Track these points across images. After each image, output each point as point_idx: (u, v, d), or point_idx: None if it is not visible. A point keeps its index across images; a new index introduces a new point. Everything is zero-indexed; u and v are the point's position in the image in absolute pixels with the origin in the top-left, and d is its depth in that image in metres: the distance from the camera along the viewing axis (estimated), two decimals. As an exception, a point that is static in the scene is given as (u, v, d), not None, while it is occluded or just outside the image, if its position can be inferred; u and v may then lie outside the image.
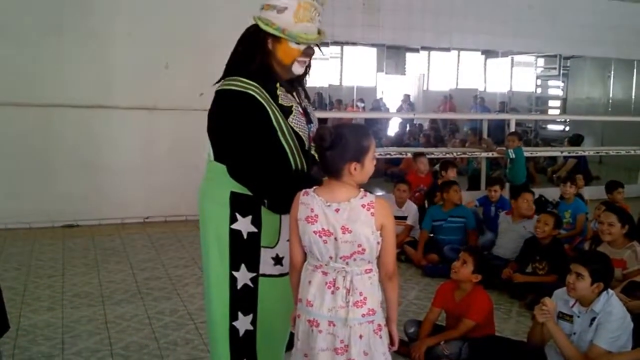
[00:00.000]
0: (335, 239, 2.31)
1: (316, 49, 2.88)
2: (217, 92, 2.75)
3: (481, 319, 3.95)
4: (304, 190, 2.42)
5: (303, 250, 2.44)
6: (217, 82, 2.86)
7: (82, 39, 7.11)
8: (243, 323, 2.84)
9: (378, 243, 2.35)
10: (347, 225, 2.31)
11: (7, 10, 6.88)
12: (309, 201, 2.37)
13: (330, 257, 2.35)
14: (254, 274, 2.80)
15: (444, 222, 6.39)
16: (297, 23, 2.70)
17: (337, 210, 2.32)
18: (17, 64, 6.92)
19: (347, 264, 2.34)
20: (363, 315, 2.34)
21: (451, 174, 7.36)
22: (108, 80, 7.29)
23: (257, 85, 2.70)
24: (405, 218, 6.61)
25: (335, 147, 2.31)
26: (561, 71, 13.45)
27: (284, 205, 2.57)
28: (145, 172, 7.54)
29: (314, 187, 2.42)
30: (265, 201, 2.68)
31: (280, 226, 2.76)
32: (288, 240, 2.54)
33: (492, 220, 6.62)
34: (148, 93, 7.40)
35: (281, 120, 2.71)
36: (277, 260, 2.80)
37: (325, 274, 2.36)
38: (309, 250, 2.40)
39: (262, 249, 2.78)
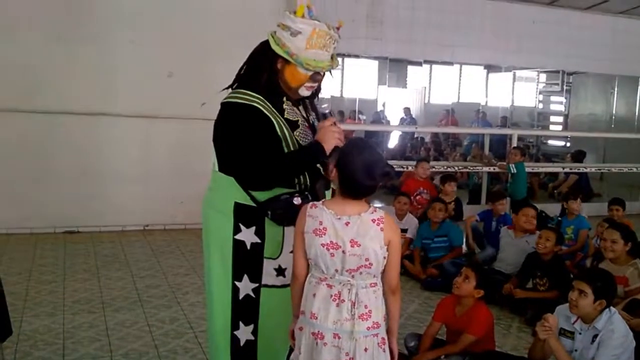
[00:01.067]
0: (343, 252, 2.32)
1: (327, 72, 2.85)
2: (222, 104, 2.76)
3: (481, 334, 3.92)
4: (311, 203, 2.43)
5: (307, 263, 2.43)
6: (224, 89, 2.87)
7: (85, 47, 7.11)
8: (244, 333, 2.85)
9: (384, 258, 2.36)
10: (356, 238, 2.31)
11: (10, 18, 6.89)
12: (318, 214, 2.37)
13: (336, 270, 2.35)
14: (256, 285, 2.80)
15: (431, 241, 6.35)
16: (309, 49, 2.66)
17: (347, 224, 2.33)
18: (19, 71, 6.91)
19: (352, 277, 2.34)
20: (368, 329, 2.34)
21: (449, 188, 7.32)
22: (110, 88, 7.29)
23: (262, 98, 2.70)
24: (405, 231, 6.59)
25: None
26: (564, 87, 13.46)
27: (286, 216, 2.58)
28: (146, 179, 7.54)
29: (323, 200, 2.43)
30: (269, 212, 2.68)
31: (284, 237, 2.76)
32: (291, 252, 2.54)
33: (493, 235, 6.59)
34: (150, 101, 7.39)
35: (286, 132, 2.72)
36: (280, 272, 2.80)
37: (330, 286, 2.36)
38: (314, 263, 2.39)
39: (265, 260, 2.79)
